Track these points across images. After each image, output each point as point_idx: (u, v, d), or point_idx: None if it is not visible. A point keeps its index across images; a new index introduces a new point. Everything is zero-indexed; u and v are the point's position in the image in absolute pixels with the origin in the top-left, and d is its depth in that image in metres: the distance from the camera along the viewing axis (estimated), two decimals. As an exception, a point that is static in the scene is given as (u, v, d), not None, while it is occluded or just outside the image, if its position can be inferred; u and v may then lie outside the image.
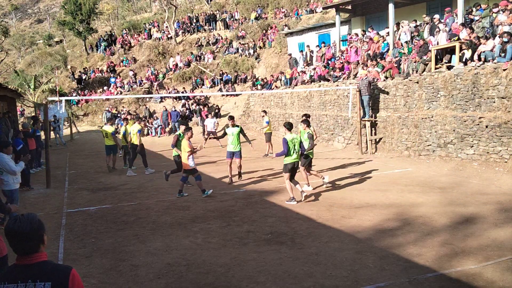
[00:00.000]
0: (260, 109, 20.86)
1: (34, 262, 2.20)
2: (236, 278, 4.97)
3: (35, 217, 2.24)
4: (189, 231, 6.79)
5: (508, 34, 10.74)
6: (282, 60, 25.29)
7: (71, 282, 2.19)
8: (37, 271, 2.17)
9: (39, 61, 38.81)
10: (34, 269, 2.18)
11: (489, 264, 5.06)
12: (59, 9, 49.08)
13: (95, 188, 10.65)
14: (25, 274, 2.16)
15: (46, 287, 2.14)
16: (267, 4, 33.11)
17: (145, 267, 5.39)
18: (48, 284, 2.15)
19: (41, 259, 2.23)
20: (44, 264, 2.22)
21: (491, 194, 8.34)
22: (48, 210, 8.52)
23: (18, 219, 2.21)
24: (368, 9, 19.38)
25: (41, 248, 2.24)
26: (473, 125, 10.97)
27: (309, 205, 8.08)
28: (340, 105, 16.13)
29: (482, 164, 10.58)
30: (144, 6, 50.67)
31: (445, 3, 16.27)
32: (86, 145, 21.23)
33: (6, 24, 37.85)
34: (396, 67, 14.38)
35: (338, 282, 4.75)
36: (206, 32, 32.73)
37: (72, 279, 2.20)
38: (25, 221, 2.20)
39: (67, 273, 2.21)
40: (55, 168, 13.44)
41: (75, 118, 26.23)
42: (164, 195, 9.52)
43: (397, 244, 5.89)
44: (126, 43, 34.49)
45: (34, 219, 2.23)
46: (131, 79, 28.92)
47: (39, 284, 2.14)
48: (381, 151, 13.88)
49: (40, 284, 2.14)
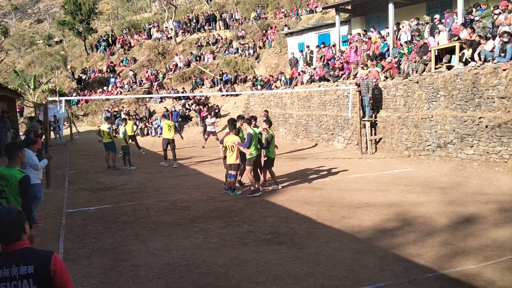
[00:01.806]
0: (260, 109, 20.87)
1: (16, 249, 2.31)
2: (236, 278, 4.97)
3: (14, 209, 2.37)
4: (189, 231, 6.79)
5: (507, 34, 10.74)
6: (282, 60, 25.30)
7: (53, 264, 2.31)
8: (19, 256, 2.29)
9: (39, 61, 38.81)
10: (16, 255, 2.30)
11: (489, 264, 5.05)
12: (59, 9, 49.15)
13: (95, 188, 10.65)
14: (8, 260, 2.29)
15: (29, 270, 2.26)
16: (267, 4, 33.11)
17: (145, 267, 5.38)
18: (31, 267, 2.27)
19: (23, 245, 2.34)
20: (26, 250, 2.34)
21: (491, 194, 8.34)
22: (48, 210, 8.51)
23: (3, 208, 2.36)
24: (368, 9, 19.38)
25: (23, 236, 2.36)
26: (473, 125, 10.97)
27: (309, 205, 8.08)
28: (340, 105, 16.13)
29: (482, 164, 10.59)
30: (144, 6, 50.69)
31: (445, 3, 16.28)
32: (86, 145, 21.23)
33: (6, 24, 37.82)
34: (396, 67, 14.38)
35: (338, 282, 4.75)
36: (206, 32, 32.72)
37: (54, 261, 2.32)
38: (5, 212, 2.32)
39: (49, 256, 2.33)
40: (55, 168, 13.44)
41: (75, 118, 26.22)
42: (164, 195, 9.52)
43: (397, 244, 5.89)
44: (126, 43, 34.49)
45: (14, 210, 2.36)
46: (131, 79, 28.91)
47: (23, 268, 2.26)
48: (381, 151, 13.88)
49: (24, 267, 2.26)
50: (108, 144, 13.28)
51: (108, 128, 13.38)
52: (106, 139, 13.24)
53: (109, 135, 13.27)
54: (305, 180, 10.49)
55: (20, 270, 2.25)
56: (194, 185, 10.39)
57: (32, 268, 2.26)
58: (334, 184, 9.90)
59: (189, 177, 11.53)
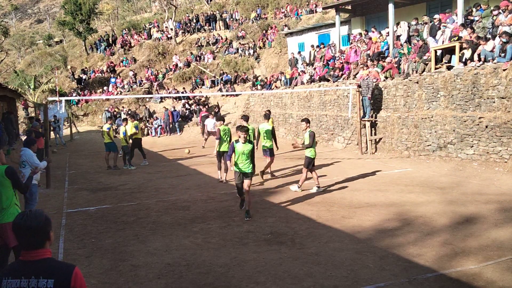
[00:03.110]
0: (260, 109, 20.87)
1: (38, 258, 2.21)
2: (236, 278, 4.97)
3: (42, 214, 2.27)
4: (189, 231, 6.79)
5: (507, 35, 10.74)
6: (282, 60, 25.29)
7: (74, 280, 2.20)
8: (40, 267, 2.19)
9: (39, 61, 38.81)
10: (37, 266, 2.19)
11: (489, 264, 5.05)
12: (59, 9, 49.17)
13: (95, 188, 10.65)
14: (28, 270, 2.18)
15: (48, 284, 2.15)
16: (267, 4, 33.12)
17: (145, 267, 5.38)
18: (51, 281, 2.16)
19: (45, 255, 2.24)
20: (48, 261, 2.23)
21: (491, 194, 8.33)
22: (48, 210, 8.50)
23: (26, 215, 2.25)
24: (368, 9, 19.37)
25: (46, 244, 2.26)
26: (473, 125, 10.97)
27: (309, 205, 8.08)
28: (340, 105, 16.13)
29: (482, 164, 10.59)
30: (144, 6, 50.71)
31: (445, 3, 16.27)
32: (86, 145, 21.22)
33: (6, 24, 37.83)
34: (396, 67, 14.38)
35: (338, 282, 4.75)
36: (206, 32, 32.72)
37: (75, 277, 2.21)
38: (32, 216, 2.23)
39: (70, 271, 2.22)
40: (55, 168, 13.44)
41: (75, 118, 26.22)
42: (164, 195, 9.52)
43: (397, 244, 5.89)
44: (126, 43, 34.48)
45: (41, 215, 2.26)
46: (131, 79, 28.91)
47: (42, 281, 2.15)
48: (381, 151, 13.88)
49: (43, 281, 2.15)
50: (109, 144, 13.30)
51: (108, 128, 13.42)
52: (106, 139, 13.28)
53: (109, 135, 13.28)
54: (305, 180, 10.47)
55: (40, 283, 2.15)
56: (194, 185, 10.39)
57: (52, 283, 2.15)
58: (334, 184, 9.90)
59: (189, 177, 11.53)
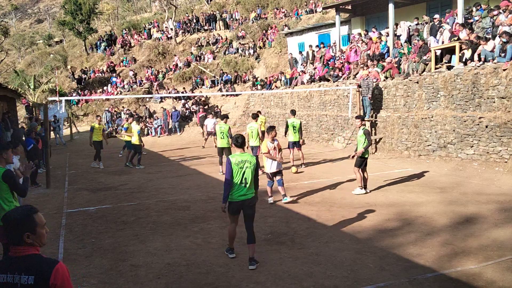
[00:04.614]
0: (261, 109, 20.84)
1: (23, 254, 2.22)
2: (236, 278, 4.97)
3: (29, 209, 2.28)
4: (189, 231, 6.78)
5: (507, 34, 10.74)
6: (282, 60, 25.28)
7: (54, 277, 2.17)
8: (24, 264, 2.20)
9: (39, 61, 38.80)
10: (22, 262, 2.20)
11: (489, 264, 5.05)
12: (59, 9, 49.16)
13: (95, 188, 10.65)
14: (14, 266, 2.20)
15: (29, 281, 2.16)
16: (267, 4, 33.10)
17: (145, 267, 5.38)
18: (31, 277, 2.16)
19: (30, 252, 2.24)
20: (32, 258, 2.23)
21: (491, 194, 8.33)
22: (48, 210, 8.51)
23: (15, 209, 2.30)
24: (368, 9, 19.37)
25: (30, 241, 2.26)
26: (473, 125, 10.97)
27: (309, 205, 8.08)
28: (340, 105, 16.12)
29: (482, 164, 10.58)
30: (144, 6, 50.70)
31: (445, 3, 16.27)
32: (86, 145, 21.05)
33: (6, 24, 37.80)
34: (396, 67, 14.38)
35: (338, 282, 4.75)
36: (206, 32, 32.71)
37: (55, 274, 2.18)
38: (16, 210, 2.27)
39: (51, 267, 2.19)
40: (55, 168, 13.45)
41: (75, 118, 26.22)
42: (164, 195, 9.52)
43: (397, 244, 5.89)
44: (126, 43, 34.48)
45: (26, 210, 2.27)
46: (131, 79, 28.91)
47: (24, 277, 2.16)
48: (381, 151, 13.88)
49: (24, 277, 2.16)
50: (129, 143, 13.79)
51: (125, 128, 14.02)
52: (127, 138, 13.79)
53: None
54: (305, 180, 10.50)
55: (21, 279, 2.16)
56: (194, 185, 10.39)
57: (32, 279, 2.15)
58: (334, 184, 9.90)
59: (189, 177, 11.53)
